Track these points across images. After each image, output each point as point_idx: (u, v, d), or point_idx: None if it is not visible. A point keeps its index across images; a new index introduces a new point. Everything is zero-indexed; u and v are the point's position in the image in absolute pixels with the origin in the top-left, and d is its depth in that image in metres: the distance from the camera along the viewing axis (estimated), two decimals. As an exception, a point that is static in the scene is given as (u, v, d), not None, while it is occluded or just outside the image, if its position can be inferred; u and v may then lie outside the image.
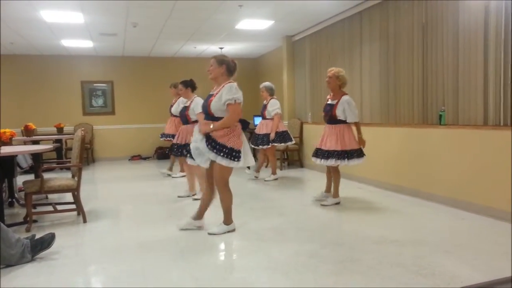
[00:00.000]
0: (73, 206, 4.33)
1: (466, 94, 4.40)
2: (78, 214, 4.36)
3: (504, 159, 3.84)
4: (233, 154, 3.50)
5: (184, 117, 5.29)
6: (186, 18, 6.59)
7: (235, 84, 3.61)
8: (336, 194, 4.80)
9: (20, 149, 4.68)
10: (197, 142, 3.63)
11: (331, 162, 4.57)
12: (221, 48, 9.38)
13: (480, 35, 4.20)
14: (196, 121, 4.89)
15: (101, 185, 6.84)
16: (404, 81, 5.32)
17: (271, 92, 6.65)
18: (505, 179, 3.83)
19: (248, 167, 3.81)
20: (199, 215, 3.84)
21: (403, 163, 5.20)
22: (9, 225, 3.52)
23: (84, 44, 8.44)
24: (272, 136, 6.37)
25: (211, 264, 3.01)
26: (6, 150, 4.24)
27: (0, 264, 2.98)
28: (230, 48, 9.48)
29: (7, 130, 4.63)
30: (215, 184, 3.70)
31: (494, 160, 3.95)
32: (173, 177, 7.11)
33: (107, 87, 10.24)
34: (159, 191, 5.98)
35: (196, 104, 4.91)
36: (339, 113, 4.57)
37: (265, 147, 6.52)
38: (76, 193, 4.24)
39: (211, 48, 9.39)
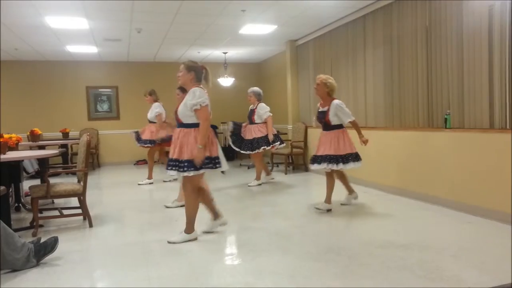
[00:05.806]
0: (79, 211, 4.34)
1: (472, 97, 4.37)
2: (84, 219, 4.38)
3: (510, 163, 3.81)
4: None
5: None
6: (189, 23, 6.62)
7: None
8: (328, 200, 4.66)
9: (26, 154, 4.70)
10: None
11: (323, 166, 4.52)
12: (225, 53, 9.40)
13: (485, 37, 4.18)
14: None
15: (106, 190, 6.86)
16: (409, 84, 5.30)
17: (259, 97, 6.45)
18: (511, 182, 3.80)
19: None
20: (214, 214, 3.88)
21: (409, 167, 5.17)
22: (15, 230, 3.52)
23: (88, 49, 8.49)
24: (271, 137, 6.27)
25: (216, 268, 3.01)
26: (12, 155, 4.26)
27: (6, 268, 2.99)
28: (234, 53, 9.49)
29: (13, 135, 4.65)
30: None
31: (500, 164, 3.92)
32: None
33: (112, 92, 10.29)
34: (164, 195, 5.98)
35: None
36: (332, 118, 4.55)
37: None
38: (82, 197, 4.26)
39: (215, 53, 9.41)
